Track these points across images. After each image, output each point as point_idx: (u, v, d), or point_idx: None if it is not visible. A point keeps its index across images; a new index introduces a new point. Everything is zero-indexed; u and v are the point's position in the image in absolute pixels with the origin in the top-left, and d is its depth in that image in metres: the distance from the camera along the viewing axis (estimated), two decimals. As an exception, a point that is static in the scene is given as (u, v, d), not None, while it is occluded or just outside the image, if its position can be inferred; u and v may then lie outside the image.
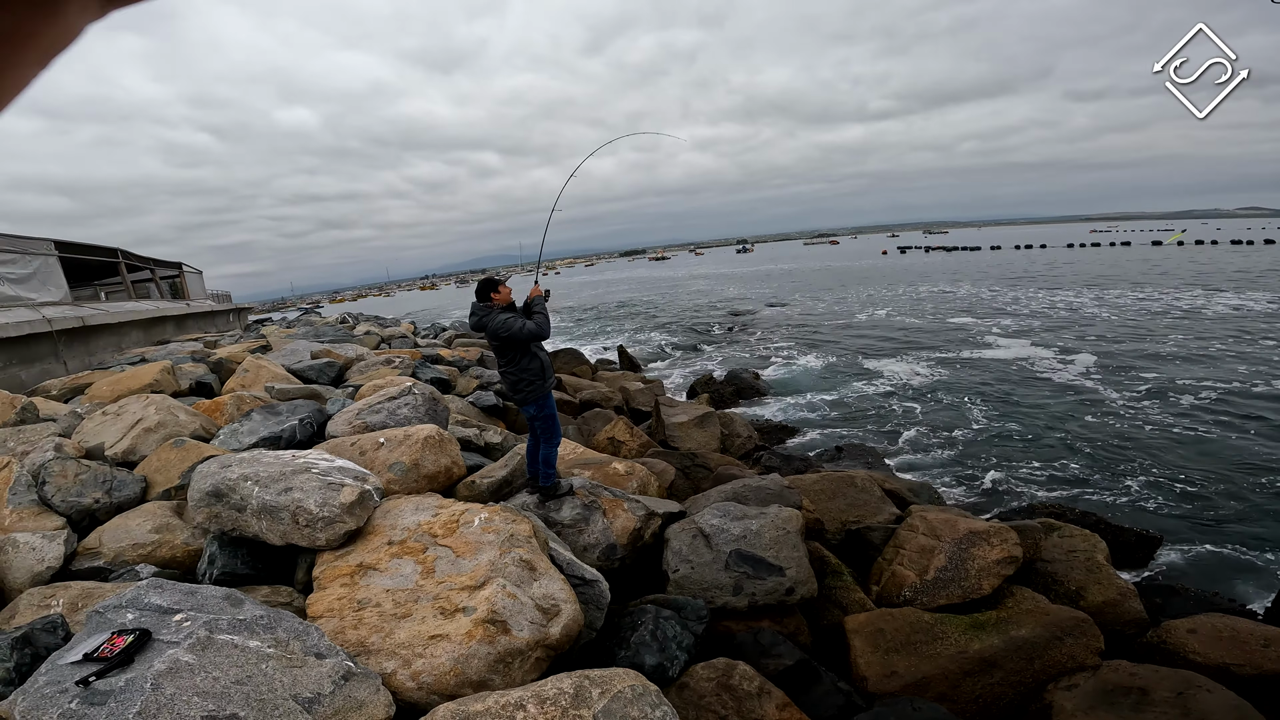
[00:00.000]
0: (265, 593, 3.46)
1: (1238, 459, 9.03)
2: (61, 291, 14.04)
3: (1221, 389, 12.50)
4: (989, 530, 4.93)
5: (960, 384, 14.61)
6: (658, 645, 3.58)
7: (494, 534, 3.73)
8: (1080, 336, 19.17)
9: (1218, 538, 7.00)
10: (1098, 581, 4.95)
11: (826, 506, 6.29)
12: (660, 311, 37.97)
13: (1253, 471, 8.55)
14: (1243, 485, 8.18)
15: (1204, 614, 4.57)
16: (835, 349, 20.44)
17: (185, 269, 25.43)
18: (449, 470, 5.21)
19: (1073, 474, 9.04)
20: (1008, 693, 3.90)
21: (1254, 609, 5.47)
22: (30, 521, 4.16)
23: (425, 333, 24.26)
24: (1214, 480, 8.39)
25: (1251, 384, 12.67)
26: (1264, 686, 3.76)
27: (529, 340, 4.62)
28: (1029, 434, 10.86)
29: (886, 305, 31.35)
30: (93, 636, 2.22)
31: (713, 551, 4.63)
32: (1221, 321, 20.08)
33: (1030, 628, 4.12)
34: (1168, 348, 16.56)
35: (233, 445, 5.69)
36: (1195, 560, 6.58)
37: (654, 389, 14.05)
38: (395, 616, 3.05)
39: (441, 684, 2.69)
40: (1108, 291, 30.25)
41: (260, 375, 8.61)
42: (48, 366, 11.84)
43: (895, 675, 3.85)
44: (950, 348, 18.98)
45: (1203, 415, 11.06)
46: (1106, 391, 13.06)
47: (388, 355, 11.35)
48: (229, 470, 3.85)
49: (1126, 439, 10.21)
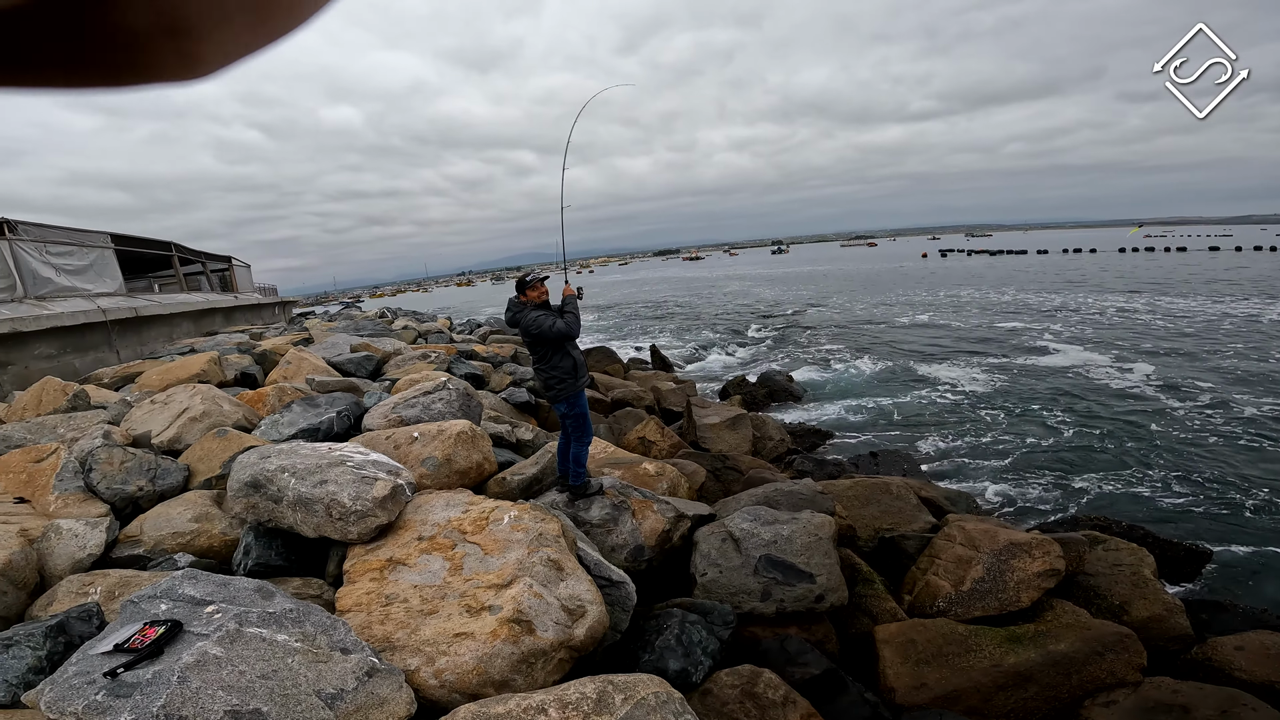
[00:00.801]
0: (297, 585, 3.51)
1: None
2: (116, 283, 14.58)
3: (1282, 399, 11.90)
4: (1030, 542, 4.76)
5: (1003, 390, 14.19)
6: (682, 650, 3.54)
7: (523, 532, 3.74)
8: (1134, 344, 18.44)
9: (1271, 553, 6.66)
10: (1143, 596, 4.74)
11: (860, 513, 6.16)
12: (694, 312, 37.79)
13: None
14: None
15: (1252, 631, 4.37)
16: (872, 352, 20.05)
17: (235, 262, 26.19)
18: (480, 466, 5.25)
19: (1120, 484, 8.69)
20: (1042, 708, 3.77)
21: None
22: (75, 508, 4.30)
23: (461, 328, 24.59)
24: (1270, 493, 7.99)
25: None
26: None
27: (558, 339, 4.61)
28: (1076, 442, 10.49)
29: (927, 309, 30.62)
30: (125, 627, 2.27)
31: (742, 556, 4.56)
32: (1284, 328, 19.12)
33: (1069, 642, 3.97)
34: (1226, 357, 15.82)
35: (273, 436, 5.82)
36: (1246, 575, 6.26)
37: (686, 389, 13.98)
38: (422, 613, 3.07)
39: (464, 683, 2.70)
40: (1160, 298, 29.06)
41: (302, 367, 8.81)
42: (101, 355, 12.32)
43: (925, 687, 3.74)
44: (994, 353, 18.44)
45: (1262, 426, 10.54)
46: (1158, 400, 12.55)
47: (424, 350, 11.53)
48: (267, 461, 3.93)
49: (1178, 449, 9.78)
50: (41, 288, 11.84)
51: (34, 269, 11.67)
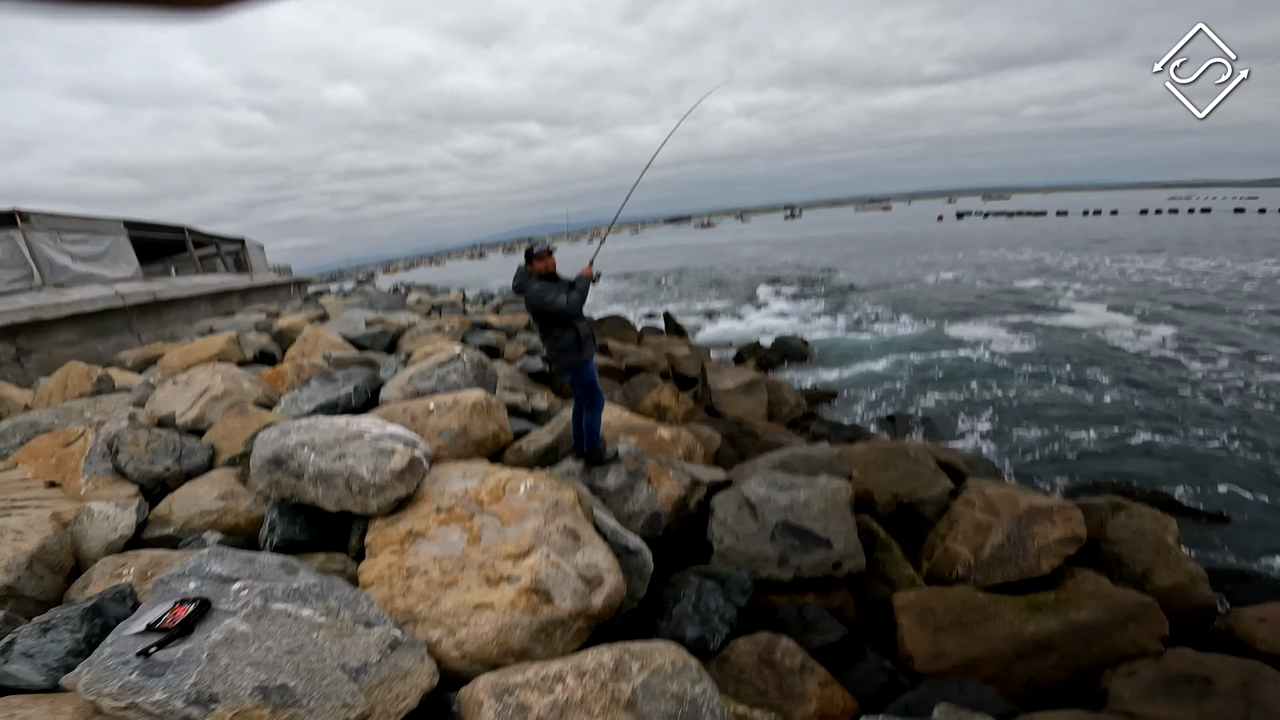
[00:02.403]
0: (321, 560, 3.58)
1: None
2: (132, 268, 14.74)
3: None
4: (1052, 507, 4.72)
5: (1022, 353, 14.00)
6: (700, 617, 3.57)
7: (539, 501, 3.76)
8: (1154, 304, 18.07)
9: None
10: (1166, 564, 4.69)
11: (877, 478, 6.13)
12: (707, 277, 37.53)
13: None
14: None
15: (1275, 602, 4.32)
16: (887, 316, 19.84)
17: (248, 243, 26.34)
18: (496, 436, 5.28)
19: (1144, 449, 8.59)
20: (1062, 677, 3.76)
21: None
22: (105, 490, 4.39)
23: (474, 300, 24.62)
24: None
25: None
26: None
27: (557, 313, 4.59)
28: (1097, 406, 10.35)
29: (942, 270, 30.19)
30: (156, 606, 2.32)
31: (758, 522, 4.57)
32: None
33: (1091, 610, 3.95)
34: (1245, 318, 15.46)
35: (292, 412, 5.89)
36: (1272, 545, 6.17)
37: (700, 355, 13.94)
38: (442, 585, 3.11)
39: (484, 653, 2.75)
40: (1180, 259, 28.35)
41: (319, 344, 8.88)
42: (122, 339, 12.51)
43: (943, 655, 3.75)
44: (1013, 315, 18.17)
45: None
46: (1178, 361, 12.32)
47: (438, 323, 11.57)
48: (288, 437, 3.96)
49: (1204, 414, 9.61)
50: (59, 275, 11.99)
51: (50, 257, 11.81)
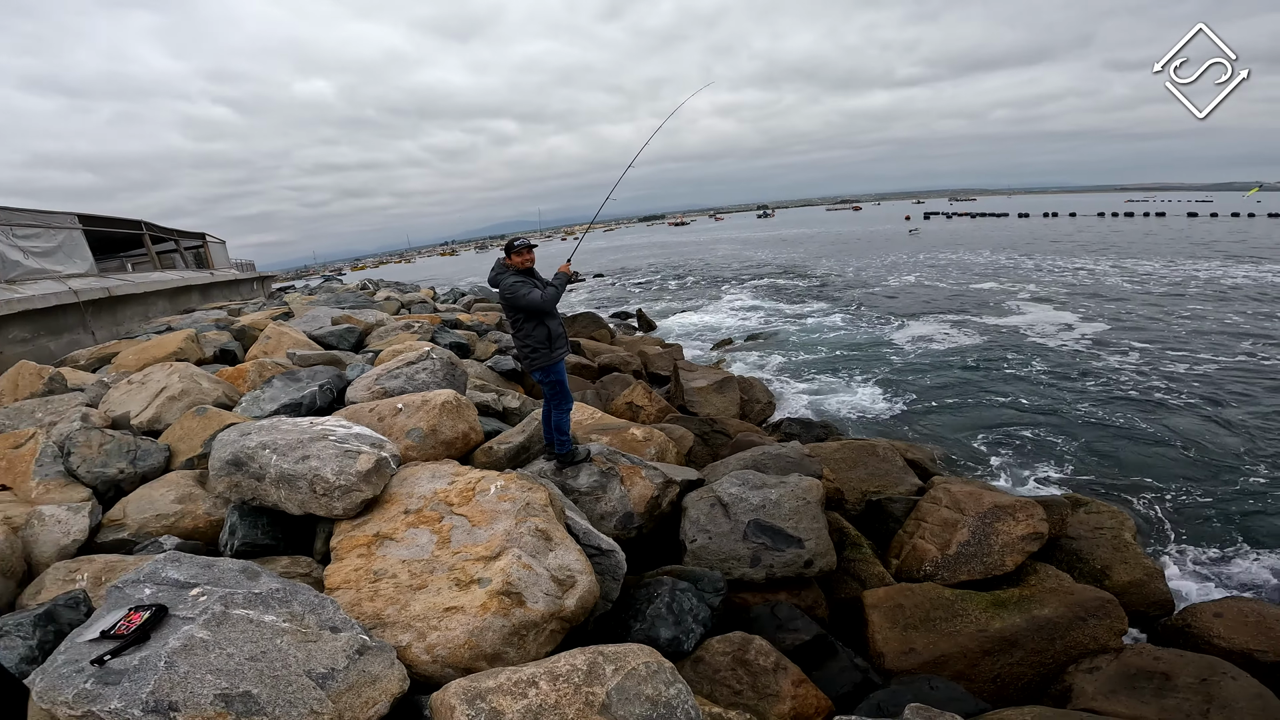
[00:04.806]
0: (285, 564, 3.48)
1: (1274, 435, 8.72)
2: (87, 263, 14.26)
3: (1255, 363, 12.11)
4: (1014, 504, 4.82)
5: (986, 352, 14.31)
6: (673, 618, 3.56)
7: (510, 502, 3.71)
8: (1101, 304, 18.73)
9: (1250, 519, 6.74)
10: (1124, 560, 4.84)
11: (847, 476, 6.21)
12: (681, 276, 37.66)
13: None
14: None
15: (1231, 598, 4.48)
16: (857, 314, 20.17)
17: (209, 239, 25.70)
18: (466, 436, 5.20)
19: (1102, 448, 8.80)
20: (1027, 673, 3.84)
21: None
22: (57, 493, 4.22)
23: (445, 298, 24.31)
24: (1247, 459, 8.10)
25: None
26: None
27: (529, 309, 4.55)
28: (1057, 405, 10.61)
29: (909, 271, 30.86)
30: (111, 613, 2.24)
31: (731, 521, 4.58)
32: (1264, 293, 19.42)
33: (1053, 607, 4.04)
34: (1183, 319, 16.08)
35: (254, 412, 5.73)
36: (1225, 541, 6.36)
37: (673, 353, 13.97)
38: (411, 588, 3.05)
39: (456, 657, 2.70)
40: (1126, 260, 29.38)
41: (282, 342, 8.67)
42: (76, 337, 12.08)
43: (913, 652, 3.80)
44: (975, 314, 18.60)
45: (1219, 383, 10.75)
46: (1137, 365, 12.69)
47: (407, 320, 11.38)
48: (248, 438, 3.86)
49: (1157, 413, 9.91)
50: (10, 271, 11.53)
51: (1, 252, 11.34)
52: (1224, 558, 6.07)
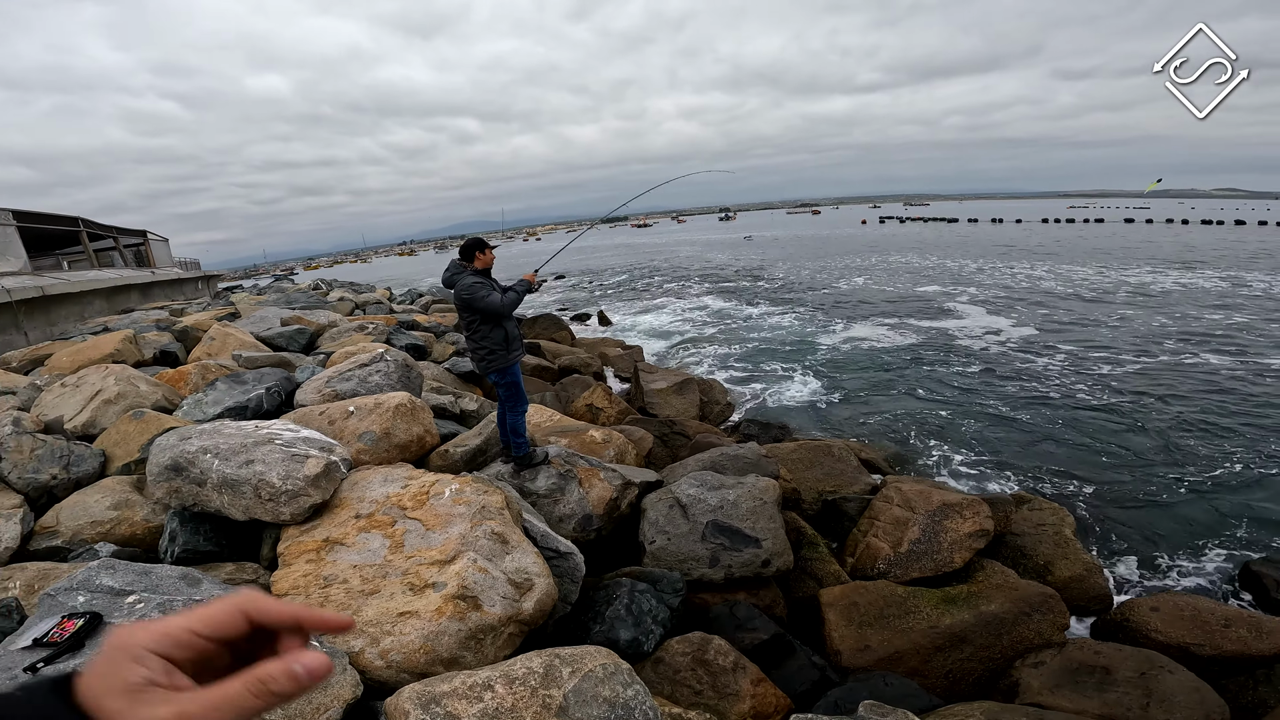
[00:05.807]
0: (230, 570, 3.36)
1: (1209, 433, 9.15)
2: (20, 261, 13.62)
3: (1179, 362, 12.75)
4: (962, 502, 4.96)
5: (937, 354, 14.69)
6: (633, 619, 3.55)
7: (465, 506, 3.64)
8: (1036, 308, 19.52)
9: (1179, 513, 7.03)
10: (1065, 556, 5.02)
11: (804, 476, 6.29)
12: (642, 277, 37.72)
13: (1224, 447, 8.66)
14: (1218, 459, 8.24)
15: (1166, 593, 4.67)
16: (813, 315, 20.51)
17: (150, 236, 24.73)
18: (421, 439, 5.10)
19: (1043, 446, 9.10)
20: (977, 668, 3.94)
21: (1215, 588, 5.52)
22: (-14, 499, 4.00)
23: (401, 299, 23.86)
24: (1177, 455, 8.48)
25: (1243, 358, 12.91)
26: (1223, 667, 3.85)
27: (486, 312, 4.51)
28: (1002, 405, 10.93)
29: (863, 273, 31.62)
30: (44, 621, 2.14)
31: (689, 522, 4.60)
32: (1204, 296, 20.44)
33: (999, 603, 4.16)
34: (1113, 324, 16.86)
35: (196, 416, 5.52)
36: (1160, 536, 6.60)
37: (633, 355, 13.98)
38: (363, 593, 2.97)
39: (411, 662, 2.64)
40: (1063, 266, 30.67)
41: (227, 343, 8.38)
42: (8, 337, 11.51)
43: (869, 649, 3.87)
44: (924, 317, 19.12)
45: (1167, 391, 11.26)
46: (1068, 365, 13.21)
47: (361, 321, 11.13)
48: (188, 443, 3.71)
49: (1092, 412, 10.30)
50: (-67, 265, 10.88)
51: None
52: (1157, 553, 6.32)
